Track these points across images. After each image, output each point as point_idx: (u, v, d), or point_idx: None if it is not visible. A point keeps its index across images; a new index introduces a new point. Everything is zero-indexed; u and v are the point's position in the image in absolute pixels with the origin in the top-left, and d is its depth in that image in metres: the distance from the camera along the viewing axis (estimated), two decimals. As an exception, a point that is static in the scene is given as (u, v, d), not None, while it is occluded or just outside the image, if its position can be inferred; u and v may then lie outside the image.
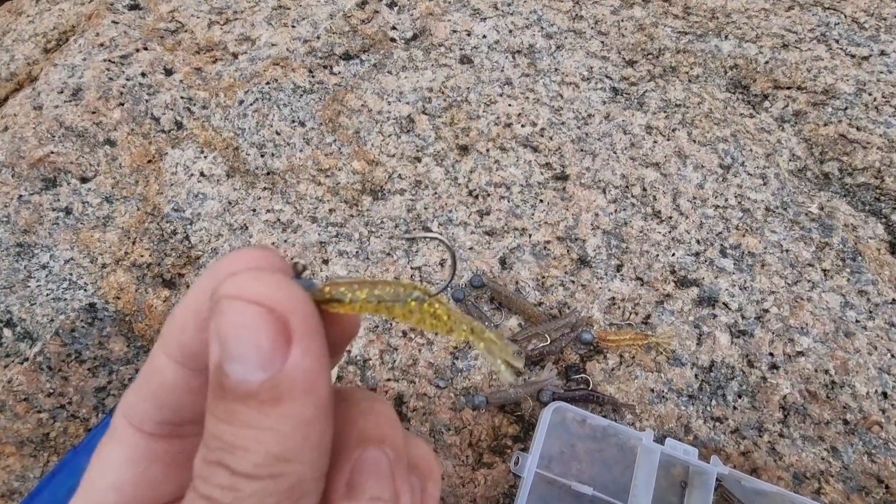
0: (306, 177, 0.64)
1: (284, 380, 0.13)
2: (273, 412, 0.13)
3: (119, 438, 0.17)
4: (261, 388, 0.13)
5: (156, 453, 0.16)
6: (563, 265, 0.57)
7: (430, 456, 0.19)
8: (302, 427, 0.13)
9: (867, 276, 0.55)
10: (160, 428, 0.16)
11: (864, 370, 0.50)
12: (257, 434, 0.13)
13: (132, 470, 0.16)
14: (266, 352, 0.13)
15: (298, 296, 0.14)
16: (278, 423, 0.13)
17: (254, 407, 0.13)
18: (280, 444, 0.13)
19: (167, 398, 0.16)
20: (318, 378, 0.14)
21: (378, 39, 0.73)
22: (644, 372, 0.51)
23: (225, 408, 0.14)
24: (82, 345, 0.56)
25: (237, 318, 0.13)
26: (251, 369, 0.13)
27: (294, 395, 0.13)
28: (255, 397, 0.13)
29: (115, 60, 0.70)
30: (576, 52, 0.71)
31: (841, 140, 0.64)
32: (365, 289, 0.16)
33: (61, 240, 0.60)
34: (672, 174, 0.62)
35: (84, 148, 0.65)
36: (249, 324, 0.13)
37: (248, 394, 0.13)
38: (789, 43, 0.71)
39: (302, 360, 0.13)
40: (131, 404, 0.17)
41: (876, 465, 0.47)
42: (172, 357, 0.16)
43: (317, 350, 0.14)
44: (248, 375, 0.13)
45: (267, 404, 0.13)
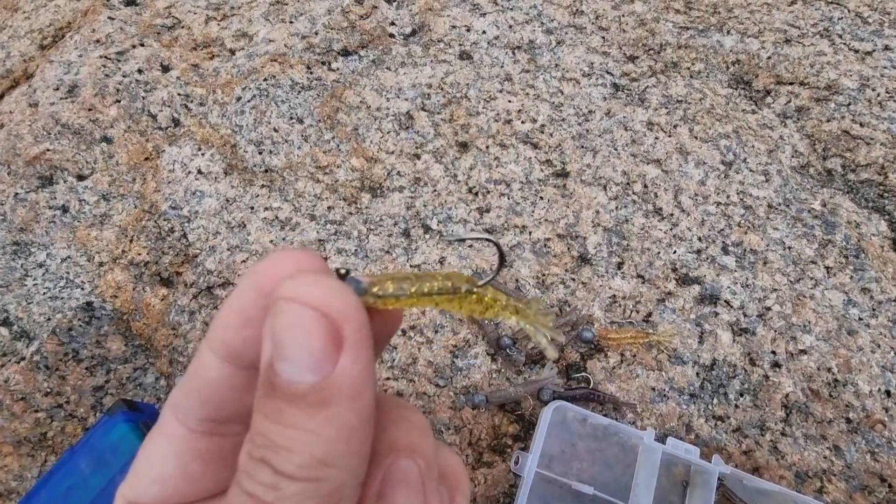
0: (305, 174, 0.63)
1: (332, 384, 0.14)
2: (319, 415, 0.14)
3: (165, 433, 0.17)
4: (309, 390, 0.14)
5: (197, 450, 0.17)
6: (563, 263, 0.56)
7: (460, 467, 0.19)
8: (345, 433, 0.14)
9: (870, 274, 0.55)
10: (203, 425, 0.17)
11: (867, 368, 0.50)
12: (302, 436, 0.14)
13: (174, 464, 0.17)
14: (318, 355, 0.14)
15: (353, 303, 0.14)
16: (323, 427, 0.14)
17: (301, 408, 0.14)
18: (323, 448, 0.14)
19: (210, 395, 0.17)
20: (364, 386, 0.14)
21: (377, 35, 0.72)
22: (645, 370, 0.51)
23: (273, 406, 0.14)
24: (80, 344, 0.55)
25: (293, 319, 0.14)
26: (302, 371, 0.14)
27: (340, 400, 0.14)
28: (304, 399, 0.14)
29: (112, 57, 0.69)
30: (576, 48, 0.70)
31: (844, 136, 0.63)
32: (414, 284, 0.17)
33: (58, 238, 0.60)
34: (673, 171, 0.61)
35: (80, 145, 0.64)
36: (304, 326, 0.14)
37: (296, 394, 0.14)
38: (792, 38, 0.70)
39: (351, 367, 0.14)
40: (177, 400, 0.17)
41: (879, 463, 0.46)
42: (217, 354, 0.16)
43: (365, 358, 0.14)
44: (299, 377, 0.14)
45: (314, 407, 0.14)
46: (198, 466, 0.17)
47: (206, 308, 0.57)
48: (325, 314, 0.14)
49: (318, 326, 0.14)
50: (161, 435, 0.17)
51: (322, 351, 0.14)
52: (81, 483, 0.44)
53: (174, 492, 0.17)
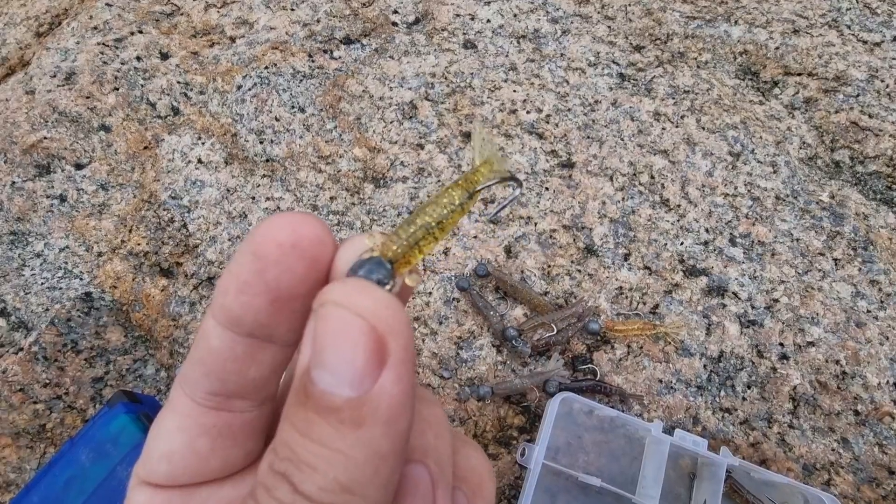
0: (306, 164, 0.62)
1: (370, 403, 0.13)
2: (350, 435, 0.13)
3: (173, 407, 0.17)
4: (345, 405, 0.13)
5: (204, 425, 0.16)
6: (569, 254, 0.56)
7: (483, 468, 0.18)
8: (375, 459, 0.13)
9: (879, 266, 0.54)
10: (209, 399, 0.16)
11: (875, 360, 0.49)
12: (329, 455, 0.13)
13: (182, 440, 0.16)
14: (359, 369, 0.13)
15: (402, 318, 0.13)
16: (353, 449, 0.13)
17: (333, 424, 0.13)
18: (349, 473, 0.13)
19: (214, 365, 0.16)
20: (402, 411, 0.13)
21: (379, 23, 0.71)
22: (652, 362, 0.50)
23: (304, 416, 0.13)
24: (78, 334, 0.54)
25: (338, 325, 0.13)
26: (340, 382, 0.13)
27: (376, 422, 0.13)
28: (337, 414, 0.13)
29: (110, 44, 0.68)
30: (582, 37, 0.69)
31: (852, 127, 0.62)
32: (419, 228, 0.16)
33: (56, 227, 0.59)
34: (681, 162, 0.60)
35: (78, 134, 0.63)
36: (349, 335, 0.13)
37: (330, 408, 0.13)
38: (800, 28, 0.69)
39: (391, 388, 0.13)
40: (185, 372, 0.17)
41: (887, 456, 0.46)
42: (218, 321, 0.16)
43: (408, 381, 0.13)
44: (336, 388, 0.13)
45: (346, 425, 0.13)
46: (205, 442, 0.16)
47: (206, 299, 0.56)
48: (373, 326, 0.13)
49: (364, 337, 0.13)
50: (170, 409, 0.17)
51: (365, 364, 0.13)
52: (81, 474, 0.44)
53: (183, 469, 0.16)
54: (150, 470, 0.16)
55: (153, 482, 0.17)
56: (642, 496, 0.42)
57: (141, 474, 0.17)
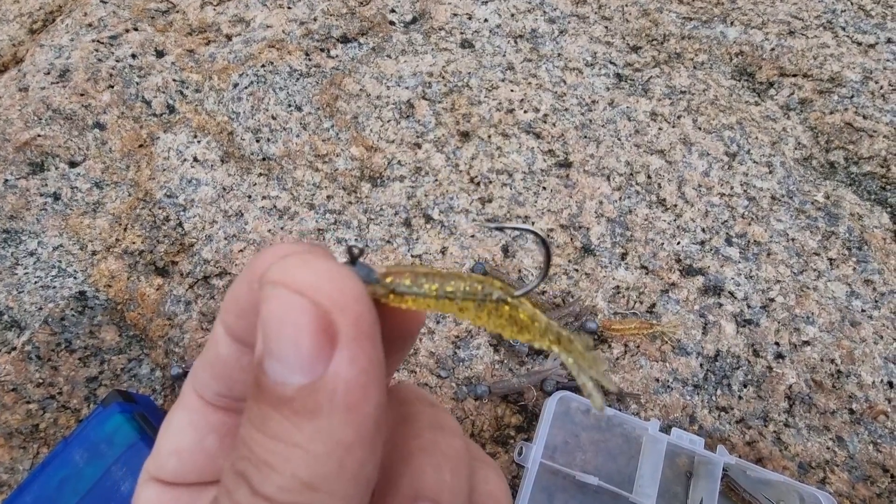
0: (303, 163, 0.62)
1: (323, 389, 0.11)
2: (307, 427, 0.11)
3: (184, 404, 0.17)
4: (297, 394, 0.11)
5: (213, 423, 0.16)
6: (566, 253, 0.56)
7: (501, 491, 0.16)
8: (339, 451, 0.11)
9: (873, 266, 0.54)
10: (218, 399, 0.16)
11: (869, 359, 0.50)
12: (286, 451, 0.11)
13: (191, 436, 0.16)
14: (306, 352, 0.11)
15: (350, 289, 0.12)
16: (311, 442, 0.11)
17: (287, 416, 0.11)
18: (309, 468, 0.11)
19: (221, 370, 0.16)
20: (364, 393, 0.12)
21: (377, 22, 0.71)
22: (649, 361, 0.50)
23: (258, 411, 0.12)
24: (72, 334, 0.54)
25: (279, 308, 0.12)
26: (290, 370, 0.12)
27: (333, 410, 0.11)
28: (290, 405, 0.12)
29: (104, 41, 0.67)
30: (579, 37, 0.70)
31: (847, 128, 0.63)
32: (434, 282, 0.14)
33: (49, 226, 0.58)
34: (677, 161, 0.60)
35: (72, 131, 0.62)
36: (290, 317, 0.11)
37: (282, 399, 0.12)
38: (795, 30, 0.70)
39: (345, 369, 0.11)
40: (196, 371, 0.16)
41: (881, 454, 0.46)
42: (226, 329, 0.15)
43: (366, 360, 0.12)
44: (286, 377, 0.12)
45: (301, 416, 0.11)
46: (214, 441, 0.16)
47: (202, 298, 0.56)
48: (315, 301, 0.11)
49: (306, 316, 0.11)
50: (181, 406, 0.17)
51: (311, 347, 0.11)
52: (75, 475, 0.43)
53: (192, 466, 0.16)
54: (160, 466, 0.16)
55: (162, 479, 0.16)
56: (639, 495, 0.43)
57: (150, 470, 0.16)
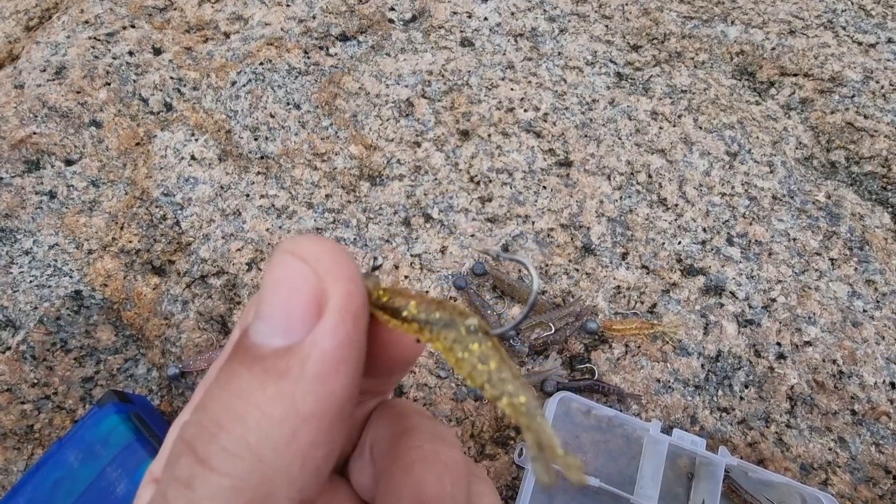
0: (302, 161, 0.62)
1: (297, 353, 0.11)
2: (271, 388, 0.11)
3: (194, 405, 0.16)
4: (272, 354, 0.11)
5: None
6: (566, 253, 0.55)
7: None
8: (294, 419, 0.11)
9: (874, 266, 0.54)
10: None
11: (871, 360, 0.49)
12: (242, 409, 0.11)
13: None
14: (293, 316, 0.11)
15: (349, 269, 0.12)
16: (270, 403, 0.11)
17: (256, 373, 0.11)
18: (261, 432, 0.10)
19: None
20: (335, 368, 0.11)
21: (376, 20, 0.70)
22: (650, 362, 0.50)
23: (228, 369, 0.11)
24: (68, 333, 0.53)
25: (282, 270, 0.11)
26: (273, 332, 0.11)
27: (300, 375, 0.11)
28: (262, 363, 0.11)
29: (101, 38, 0.67)
30: (579, 36, 0.69)
31: (848, 128, 0.63)
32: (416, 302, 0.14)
33: (45, 224, 0.58)
34: (678, 161, 0.60)
35: (69, 129, 0.62)
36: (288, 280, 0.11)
37: (256, 357, 0.11)
38: (796, 29, 0.69)
39: (324, 339, 0.11)
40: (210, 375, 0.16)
41: (884, 455, 0.46)
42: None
43: (345, 335, 0.11)
44: (267, 339, 0.11)
45: (269, 375, 0.11)
46: None
47: (199, 297, 0.55)
48: (314, 269, 0.11)
49: (303, 282, 0.11)
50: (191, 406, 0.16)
51: (300, 312, 0.11)
52: (70, 476, 0.43)
53: None
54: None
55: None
56: (640, 496, 0.42)
57: (154, 471, 0.16)
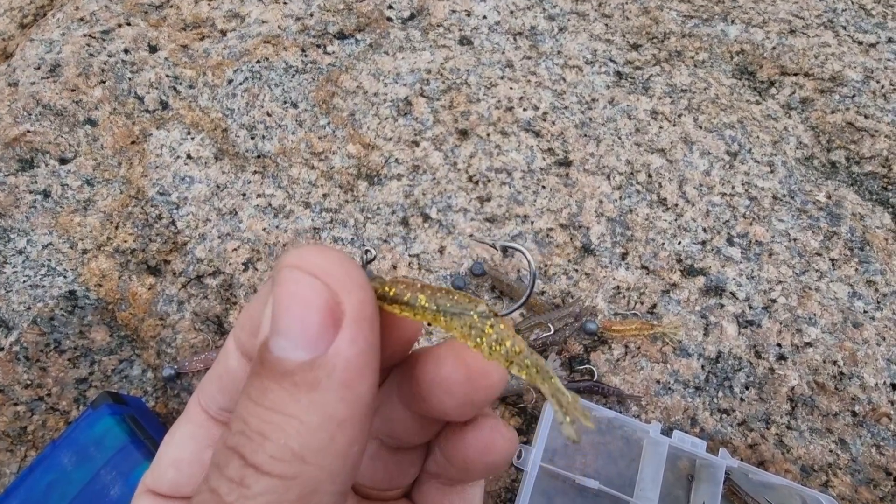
0: (299, 160, 0.61)
1: (324, 365, 0.12)
2: (304, 399, 0.12)
3: (188, 417, 0.17)
4: (298, 368, 0.12)
5: (214, 437, 0.17)
6: (566, 253, 0.55)
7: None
8: (331, 425, 0.12)
9: (875, 266, 0.54)
10: (221, 414, 0.17)
11: (872, 361, 0.49)
12: (282, 421, 0.12)
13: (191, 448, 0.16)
14: (312, 330, 0.12)
15: (358, 278, 0.13)
16: (306, 413, 0.12)
17: (287, 388, 0.12)
18: (301, 438, 0.12)
19: (228, 383, 0.16)
20: (360, 373, 0.12)
21: (374, 18, 0.70)
22: (650, 363, 0.50)
23: (259, 385, 0.12)
24: (62, 334, 0.53)
25: (292, 288, 0.12)
26: (294, 346, 0.12)
27: (330, 385, 0.12)
28: (291, 378, 0.12)
29: (96, 36, 0.66)
30: (579, 35, 0.69)
31: (848, 128, 0.62)
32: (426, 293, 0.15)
33: (39, 224, 0.57)
34: (678, 160, 0.60)
35: (63, 127, 0.61)
36: (302, 296, 0.12)
37: (284, 372, 0.12)
38: (796, 28, 0.69)
39: (347, 349, 0.12)
40: (204, 385, 0.17)
41: (884, 457, 0.46)
42: (238, 345, 0.16)
43: (365, 342, 0.12)
44: (290, 353, 0.12)
45: (301, 388, 0.12)
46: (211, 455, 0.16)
47: (195, 298, 0.55)
48: (326, 284, 0.12)
49: (317, 297, 0.12)
50: (185, 419, 0.17)
51: (318, 326, 0.12)
52: (63, 478, 0.42)
53: (188, 479, 0.16)
54: (158, 476, 0.16)
55: (158, 490, 0.16)
56: (640, 498, 0.42)
57: (147, 482, 0.16)
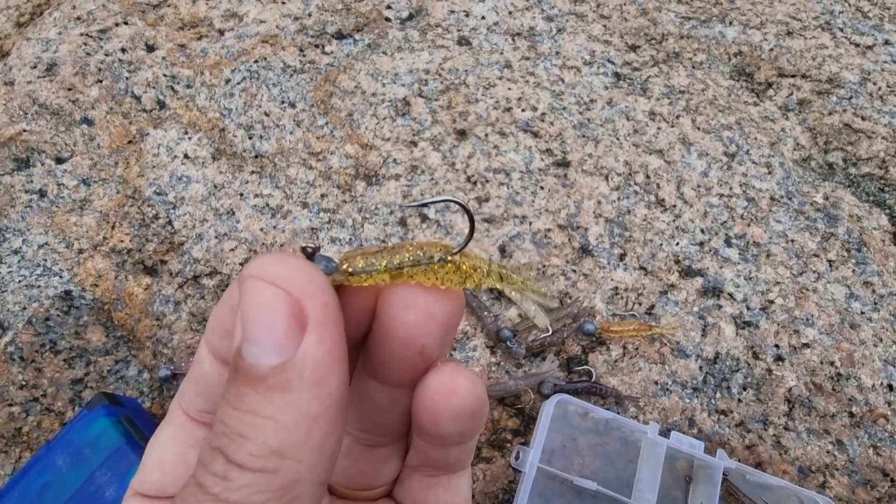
0: (297, 160, 0.61)
1: (294, 367, 0.13)
2: (278, 400, 0.13)
3: (170, 420, 0.18)
4: (270, 372, 0.13)
5: (195, 438, 0.17)
6: (564, 254, 0.55)
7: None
8: (305, 421, 0.13)
9: (872, 267, 0.54)
10: (201, 415, 0.17)
11: (869, 362, 0.49)
12: (259, 422, 0.13)
13: (174, 450, 0.17)
14: (280, 336, 0.13)
15: (318, 281, 0.14)
16: (281, 413, 0.13)
17: (261, 392, 0.13)
18: (279, 437, 0.13)
19: (205, 387, 0.17)
20: (330, 371, 0.13)
21: (372, 18, 0.70)
22: (648, 364, 0.50)
23: (235, 390, 0.13)
24: (57, 334, 0.52)
25: (257, 298, 0.13)
26: (265, 352, 0.13)
27: (302, 385, 0.13)
28: (264, 382, 0.13)
29: (93, 35, 0.66)
30: (577, 36, 0.69)
31: (845, 130, 0.63)
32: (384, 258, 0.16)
33: (35, 223, 0.57)
34: (676, 161, 0.60)
35: (59, 126, 0.61)
36: (267, 305, 0.13)
37: (257, 377, 0.13)
38: (794, 30, 0.69)
39: (314, 350, 0.13)
40: (183, 389, 0.18)
41: (881, 458, 0.46)
42: (210, 349, 0.16)
43: (331, 341, 0.13)
44: (261, 359, 0.13)
45: (274, 391, 0.13)
46: (194, 455, 0.17)
47: (192, 298, 0.54)
48: (288, 291, 0.13)
49: (280, 304, 0.13)
50: (167, 423, 0.18)
51: (285, 331, 0.13)
52: (58, 480, 0.42)
53: (173, 479, 0.17)
54: (144, 479, 0.17)
55: (145, 492, 0.17)
56: (638, 500, 0.42)
57: (135, 485, 0.17)
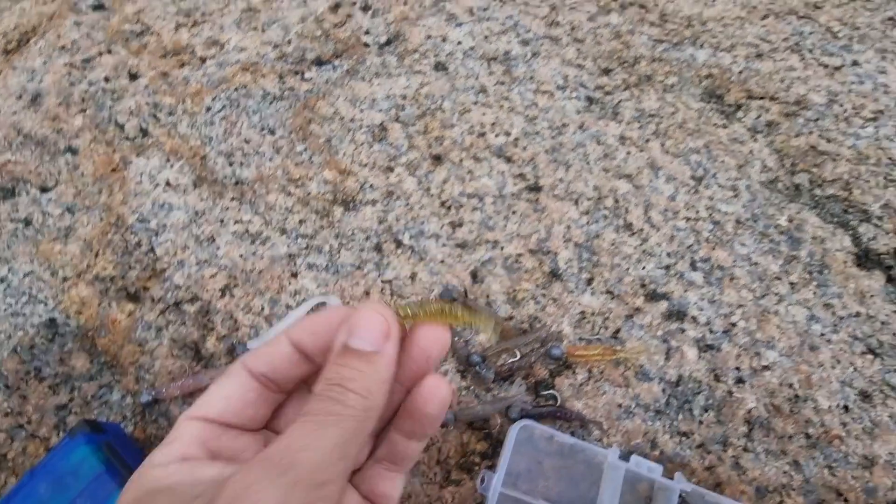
0: (276, 187, 0.62)
1: (382, 352, 0.24)
2: (371, 365, 0.23)
3: (233, 372, 0.25)
4: (369, 352, 0.23)
5: (252, 387, 0.25)
6: (534, 278, 0.57)
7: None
8: (378, 379, 0.23)
9: (833, 290, 0.56)
10: (260, 378, 0.26)
11: (826, 384, 0.51)
12: (359, 374, 0.23)
13: (238, 389, 0.25)
14: (378, 337, 0.24)
15: (394, 317, 0.25)
16: (371, 371, 0.23)
17: (362, 360, 0.23)
18: (368, 383, 0.23)
19: (275, 361, 0.26)
20: (392, 361, 0.24)
21: (351, 44, 0.71)
22: (612, 387, 0.51)
23: (343, 359, 0.23)
24: (42, 361, 0.54)
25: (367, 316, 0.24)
26: (366, 344, 0.23)
27: (380, 364, 0.24)
28: (364, 356, 0.23)
29: (77, 65, 0.67)
30: (551, 60, 0.70)
31: (811, 151, 0.64)
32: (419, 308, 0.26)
33: (20, 252, 0.59)
34: (644, 186, 0.61)
35: (44, 156, 0.62)
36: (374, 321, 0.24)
37: (360, 354, 0.23)
38: (763, 52, 0.71)
39: (391, 349, 0.24)
40: (249, 357, 0.26)
41: (836, 478, 0.48)
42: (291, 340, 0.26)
43: (395, 347, 0.24)
44: (364, 346, 0.23)
45: (370, 361, 0.23)
46: (252, 397, 0.25)
47: (173, 324, 0.56)
48: (385, 318, 0.24)
49: (382, 323, 0.24)
50: (230, 374, 0.25)
51: (381, 335, 0.24)
52: (39, 508, 0.43)
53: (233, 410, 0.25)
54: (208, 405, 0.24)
55: (205, 416, 0.24)
56: (598, 522, 0.43)
57: (193, 412, 0.24)
